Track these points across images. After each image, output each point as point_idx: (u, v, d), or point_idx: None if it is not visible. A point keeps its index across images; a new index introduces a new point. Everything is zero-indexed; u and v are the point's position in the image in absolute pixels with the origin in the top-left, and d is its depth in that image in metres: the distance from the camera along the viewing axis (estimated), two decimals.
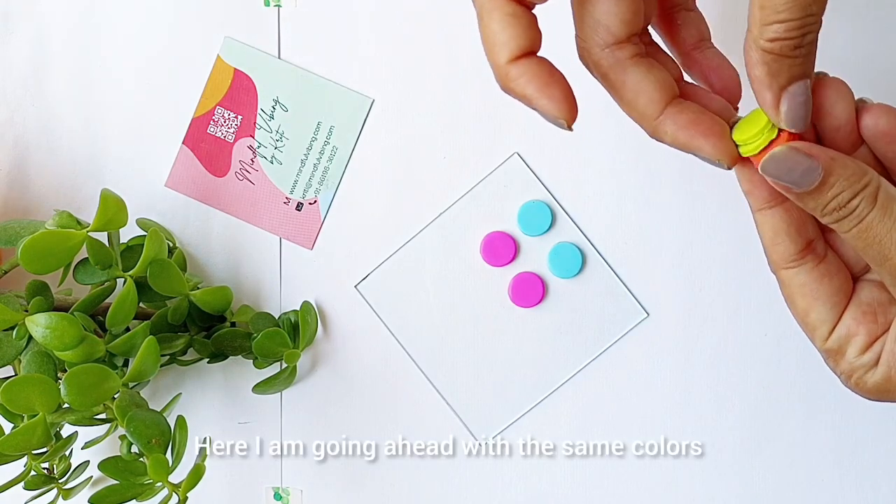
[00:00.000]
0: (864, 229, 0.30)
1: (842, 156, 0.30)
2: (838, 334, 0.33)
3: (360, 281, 0.46)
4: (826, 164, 0.29)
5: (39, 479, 0.42)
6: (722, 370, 0.45)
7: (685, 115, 0.31)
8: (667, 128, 0.31)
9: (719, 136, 0.31)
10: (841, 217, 0.30)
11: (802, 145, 0.30)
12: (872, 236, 0.30)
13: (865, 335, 0.32)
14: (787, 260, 0.33)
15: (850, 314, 0.33)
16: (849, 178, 0.29)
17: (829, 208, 0.30)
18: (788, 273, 0.33)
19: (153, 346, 0.40)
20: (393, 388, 0.46)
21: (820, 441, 0.45)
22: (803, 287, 0.33)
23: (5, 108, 0.46)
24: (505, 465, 0.46)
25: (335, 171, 0.46)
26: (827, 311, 0.33)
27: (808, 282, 0.33)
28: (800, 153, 0.29)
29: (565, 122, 0.30)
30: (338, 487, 0.47)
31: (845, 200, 0.30)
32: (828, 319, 0.33)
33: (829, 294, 0.33)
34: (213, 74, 0.46)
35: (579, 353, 0.45)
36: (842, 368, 0.33)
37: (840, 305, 0.33)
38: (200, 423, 0.47)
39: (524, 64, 0.29)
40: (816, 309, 0.33)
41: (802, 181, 0.29)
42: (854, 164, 0.30)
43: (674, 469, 0.46)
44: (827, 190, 0.30)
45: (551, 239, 0.45)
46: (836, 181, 0.29)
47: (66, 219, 0.39)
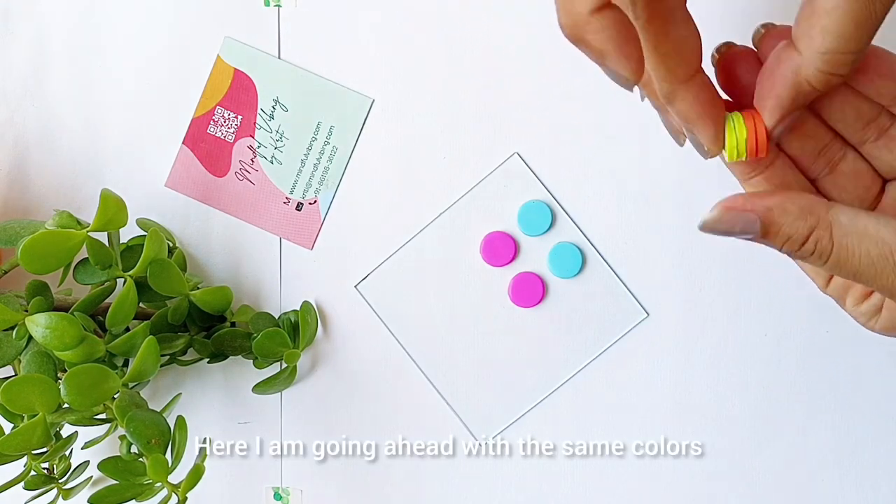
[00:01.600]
0: (834, 265, 0.29)
1: (782, 199, 0.29)
2: (835, 284, 0.33)
3: (360, 281, 0.46)
4: (763, 215, 0.29)
5: (39, 479, 0.42)
6: (722, 370, 0.45)
7: (705, 93, 0.30)
8: (686, 95, 0.30)
9: (720, 125, 0.30)
10: (803, 257, 0.30)
11: (737, 202, 0.29)
12: (846, 269, 0.29)
13: (862, 287, 0.32)
14: None
15: None
16: (792, 223, 0.29)
17: (785, 250, 0.30)
18: None
19: (153, 346, 0.40)
20: (393, 388, 0.46)
21: (820, 441, 0.45)
22: None
23: (5, 108, 0.46)
24: (505, 465, 0.46)
25: (335, 171, 0.46)
26: None
27: None
28: (731, 211, 0.29)
29: (634, 82, 0.28)
30: (338, 487, 0.47)
31: (797, 244, 0.29)
32: (822, 272, 0.33)
33: None
34: (213, 74, 0.46)
35: (579, 353, 0.45)
36: (847, 312, 0.34)
37: None
38: (200, 423, 0.47)
39: (607, 17, 0.27)
40: None
41: (748, 231, 0.29)
42: (796, 208, 0.29)
43: (674, 469, 0.46)
44: (773, 237, 0.29)
45: (551, 239, 0.45)
46: (779, 229, 0.29)
47: (66, 219, 0.39)
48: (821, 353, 0.45)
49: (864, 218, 0.29)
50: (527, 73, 0.44)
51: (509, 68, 0.45)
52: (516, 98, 0.45)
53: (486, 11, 0.44)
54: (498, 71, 0.45)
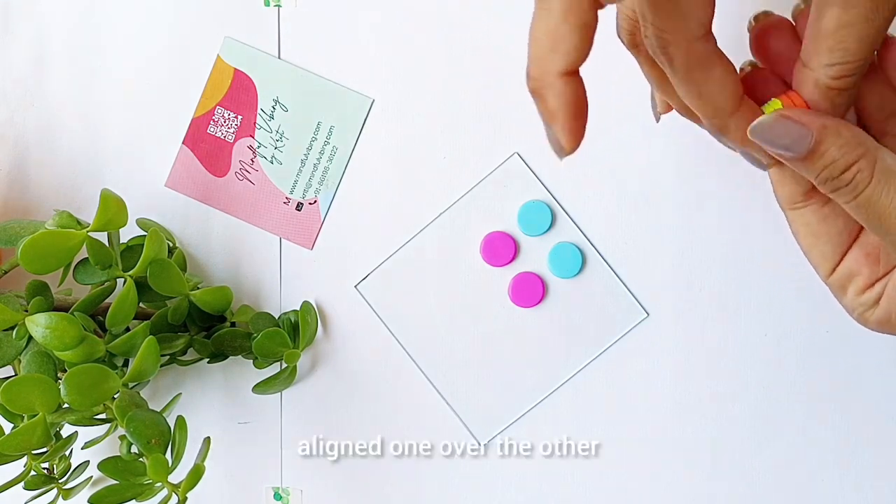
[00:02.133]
0: (863, 203, 0.29)
1: (837, 124, 0.29)
2: (840, 273, 0.33)
3: (360, 281, 0.46)
4: (818, 131, 0.29)
5: (39, 479, 0.42)
6: (722, 370, 0.45)
7: (752, 116, 0.31)
8: (739, 124, 0.31)
9: None
10: (836, 187, 0.30)
11: (793, 112, 0.30)
12: (871, 210, 0.29)
13: (866, 276, 0.33)
14: (793, 201, 0.33)
15: (853, 255, 0.33)
16: (841, 147, 0.29)
17: (821, 177, 0.30)
18: (794, 213, 0.33)
19: (153, 346, 0.40)
20: (393, 388, 0.46)
21: (820, 441, 0.45)
22: (808, 226, 0.33)
23: (5, 107, 0.46)
24: (505, 465, 0.46)
25: (335, 171, 0.46)
26: (829, 250, 0.33)
27: (812, 221, 0.33)
28: (789, 120, 0.29)
29: (567, 154, 0.29)
30: (338, 487, 0.47)
31: (838, 170, 0.29)
32: (830, 257, 0.33)
33: (831, 234, 0.33)
34: (213, 74, 0.46)
35: (579, 353, 0.45)
36: (844, 303, 0.34)
37: (843, 245, 0.33)
38: (200, 423, 0.47)
39: (571, 82, 0.27)
40: (819, 247, 0.33)
41: (793, 147, 0.29)
42: (849, 134, 0.29)
43: (674, 469, 0.46)
44: (817, 159, 0.29)
45: (551, 239, 0.45)
46: (826, 150, 0.29)
47: (66, 219, 0.39)
48: (821, 353, 0.45)
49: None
50: None
51: (509, 68, 0.45)
52: (516, 98, 0.45)
53: (486, 11, 0.44)
54: (498, 71, 0.45)
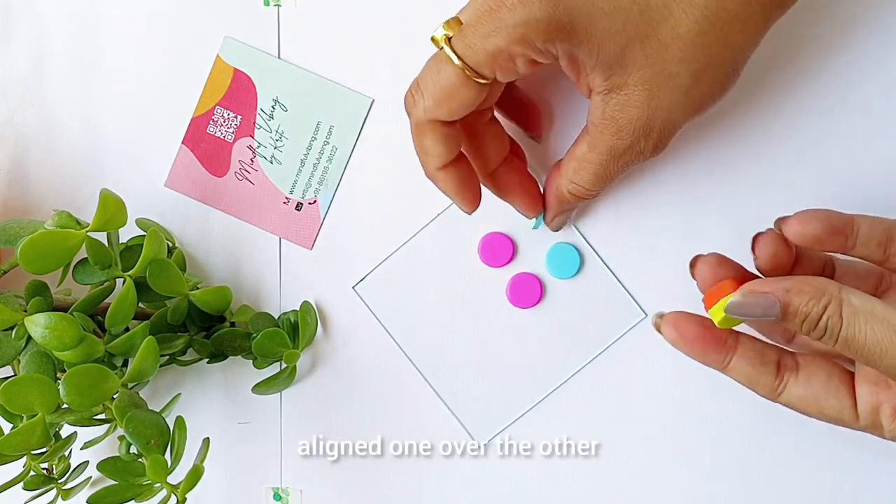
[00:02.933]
0: (844, 345, 0.32)
1: (798, 281, 0.32)
2: (863, 412, 0.35)
3: (358, 282, 0.46)
4: (782, 295, 0.32)
5: (39, 480, 0.42)
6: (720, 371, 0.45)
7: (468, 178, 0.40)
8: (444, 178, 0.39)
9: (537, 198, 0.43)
10: (819, 335, 0.32)
11: (755, 285, 0.33)
12: (854, 348, 0.32)
13: (889, 401, 0.34)
14: (774, 389, 0.36)
15: (864, 389, 0.35)
16: (808, 302, 0.32)
17: (804, 329, 0.32)
18: (784, 397, 0.36)
19: (153, 347, 0.39)
20: (392, 388, 0.46)
21: (820, 441, 0.45)
22: (802, 399, 0.35)
23: (5, 107, 0.46)
24: (504, 465, 0.46)
25: (335, 171, 0.46)
26: (835, 401, 0.35)
27: (801, 392, 0.35)
28: (753, 294, 0.33)
29: (469, 213, 0.40)
30: (338, 487, 0.47)
31: (814, 321, 0.32)
32: (843, 405, 0.35)
33: (823, 387, 0.35)
34: (212, 74, 0.45)
35: (577, 354, 0.45)
36: (889, 437, 0.35)
37: (841, 388, 0.35)
38: (200, 423, 0.47)
39: (449, 171, 0.38)
40: (826, 406, 0.35)
41: (767, 314, 0.32)
42: (811, 287, 0.32)
43: (673, 469, 0.46)
44: (792, 317, 0.32)
45: (549, 240, 0.45)
46: (797, 308, 0.32)
47: (66, 219, 0.39)
48: None
49: (873, 300, 0.32)
50: None
51: None
52: None
53: None
54: None
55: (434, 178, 0.38)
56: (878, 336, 0.31)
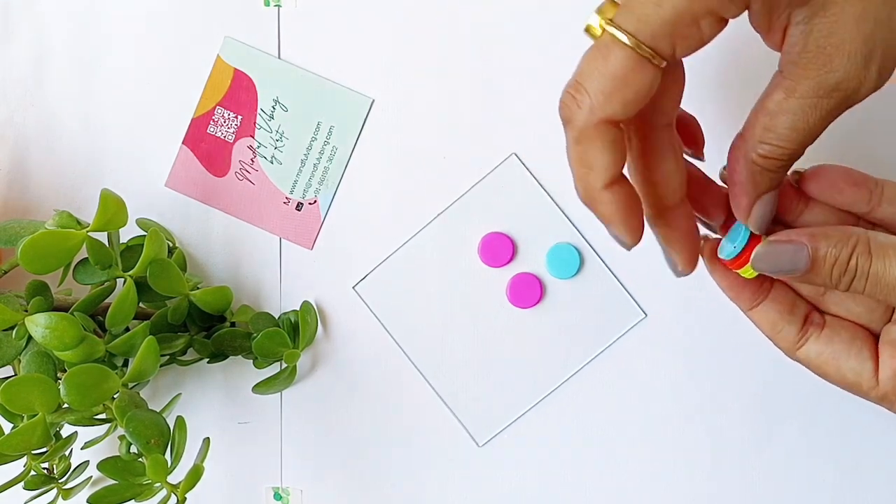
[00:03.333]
0: (875, 282, 0.30)
1: (821, 228, 0.31)
2: (884, 376, 0.33)
3: (358, 282, 0.46)
4: (809, 240, 0.31)
5: (39, 479, 0.42)
6: (721, 370, 0.45)
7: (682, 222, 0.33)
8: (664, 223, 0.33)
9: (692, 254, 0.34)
10: (850, 280, 0.31)
11: (780, 235, 0.32)
12: (886, 283, 0.30)
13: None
14: (794, 342, 0.34)
15: (887, 354, 0.33)
16: (836, 244, 0.31)
17: (835, 276, 0.31)
18: (802, 352, 0.34)
19: (153, 346, 0.40)
20: (392, 388, 0.46)
21: (820, 441, 0.45)
22: (821, 355, 0.34)
23: (5, 107, 0.46)
24: (504, 465, 0.46)
25: (335, 171, 0.46)
26: (856, 362, 0.34)
27: (821, 349, 0.34)
28: (779, 243, 0.31)
29: (630, 247, 0.31)
30: (338, 487, 0.47)
31: (845, 263, 0.31)
32: (863, 368, 0.34)
33: (845, 348, 0.34)
34: (212, 74, 0.46)
35: (577, 354, 0.45)
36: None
37: (864, 351, 0.34)
38: (200, 423, 0.47)
39: (615, 191, 0.30)
40: (845, 366, 0.34)
41: (796, 265, 0.31)
42: (836, 231, 0.31)
43: (673, 469, 0.46)
44: (822, 263, 0.31)
45: (549, 240, 0.45)
46: (826, 252, 0.31)
47: (66, 219, 0.39)
48: None
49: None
50: (525, 73, 0.44)
51: (509, 68, 0.45)
52: (514, 98, 0.45)
53: (486, 11, 0.44)
54: (497, 71, 0.45)
55: (596, 201, 0.30)
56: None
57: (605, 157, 0.29)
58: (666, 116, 0.31)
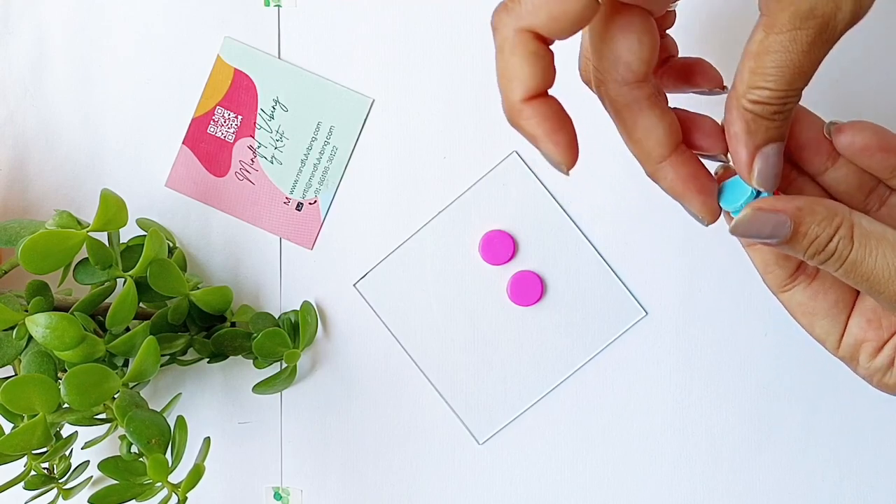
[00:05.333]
0: (850, 268, 0.31)
1: (810, 202, 0.31)
2: (846, 343, 0.34)
3: (359, 279, 0.46)
4: (793, 214, 0.30)
5: (39, 479, 0.42)
6: (721, 369, 0.45)
7: (686, 168, 0.32)
8: (667, 174, 0.32)
9: (709, 194, 0.32)
10: (825, 259, 0.31)
11: (766, 203, 0.31)
12: (860, 273, 0.30)
13: (873, 342, 0.34)
14: (782, 284, 0.35)
15: (855, 323, 0.34)
16: (820, 222, 0.30)
17: (809, 253, 0.31)
18: (785, 295, 0.35)
19: (153, 346, 0.40)
20: (393, 387, 0.46)
21: (820, 441, 0.45)
22: (801, 305, 0.35)
23: (5, 107, 0.46)
24: (504, 463, 0.46)
25: (335, 171, 0.46)
26: (829, 324, 0.35)
27: (804, 300, 0.35)
28: (764, 212, 0.30)
29: (565, 167, 0.30)
30: (338, 487, 0.47)
31: (823, 244, 0.30)
32: (832, 331, 0.35)
33: (826, 308, 0.34)
34: (213, 74, 0.46)
35: (578, 352, 0.45)
36: (860, 372, 0.35)
37: (841, 316, 0.34)
38: (200, 423, 0.47)
39: (537, 104, 0.29)
40: (818, 323, 0.35)
41: (776, 235, 0.30)
42: (823, 208, 0.30)
43: (673, 468, 0.46)
44: (801, 238, 0.30)
45: (548, 239, 0.45)
46: (807, 228, 0.30)
47: (66, 219, 0.39)
48: (820, 352, 0.45)
49: (883, 226, 0.30)
50: None
51: None
52: None
53: (485, 11, 0.44)
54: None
55: (517, 115, 0.30)
56: (889, 260, 0.30)
57: (524, 69, 0.29)
58: (632, 73, 0.31)
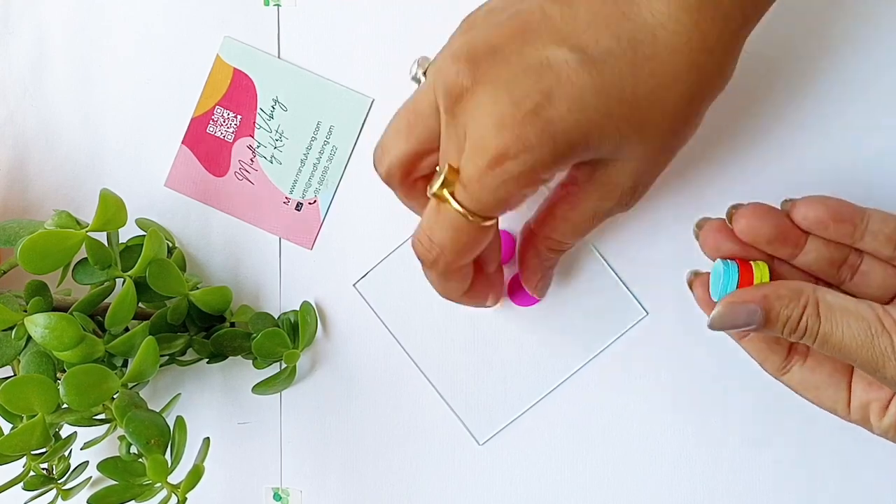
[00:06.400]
0: (823, 341, 0.33)
1: (775, 286, 0.34)
2: (854, 407, 0.36)
3: (359, 279, 0.46)
4: (761, 302, 0.33)
5: (38, 480, 0.42)
6: (722, 369, 0.45)
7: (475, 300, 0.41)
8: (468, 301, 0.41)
9: None
10: (800, 336, 0.33)
11: (736, 296, 0.34)
12: (832, 344, 0.33)
13: (878, 400, 0.36)
14: (780, 367, 0.38)
15: (858, 387, 0.36)
16: (787, 304, 0.33)
17: (786, 332, 0.33)
18: (786, 377, 0.38)
19: (152, 347, 0.39)
20: (393, 387, 0.46)
21: (820, 441, 0.45)
22: (803, 382, 0.37)
23: (5, 107, 0.46)
24: (504, 463, 0.46)
25: (335, 171, 0.46)
26: (834, 393, 0.37)
27: (805, 377, 0.37)
28: (734, 305, 0.34)
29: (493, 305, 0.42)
30: (338, 487, 0.47)
31: (795, 323, 0.33)
32: (838, 399, 0.37)
33: (826, 379, 0.37)
34: (212, 74, 0.45)
35: (578, 352, 0.45)
36: (877, 432, 0.36)
37: (842, 383, 0.36)
38: (200, 424, 0.47)
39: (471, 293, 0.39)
40: (824, 395, 0.37)
41: (750, 322, 0.33)
42: (787, 290, 0.33)
43: (673, 468, 0.46)
44: (774, 322, 0.33)
45: None
46: (778, 311, 0.33)
47: (66, 219, 0.39)
48: None
49: (846, 297, 0.33)
50: None
51: None
52: None
53: None
54: None
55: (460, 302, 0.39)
56: (854, 331, 0.32)
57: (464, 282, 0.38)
58: None
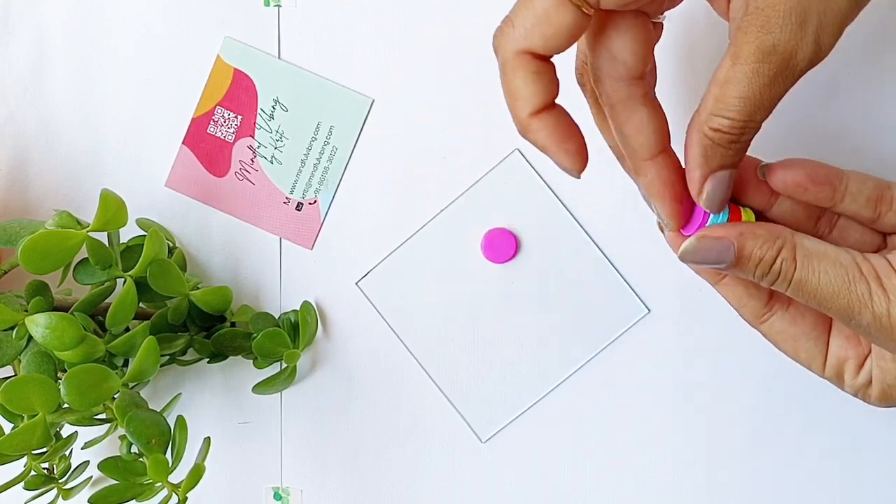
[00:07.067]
0: (797, 288, 0.32)
1: (752, 226, 0.32)
2: (830, 363, 0.35)
3: (362, 278, 0.46)
4: (736, 238, 0.32)
5: (39, 479, 0.42)
6: (723, 367, 0.45)
7: (666, 172, 0.33)
8: (648, 172, 0.33)
9: (679, 202, 0.33)
10: (773, 280, 0.32)
11: (710, 230, 0.33)
12: (808, 292, 0.32)
13: (855, 358, 0.35)
14: (758, 316, 0.36)
15: (836, 342, 0.35)
16: (762, 245, 0.32)
17: (757, 275, 0.32)
18: (765, 326, 0.36)
19: (153, 346, 0.39)
20: (393, 386, 0.46)
21: (821, 440, 0.45)
22: (782, 333, 0.36)
23: (5, 107, 0.46)
24: (506, 462, 0.46)
25: (335, 171, 0.46)
26: (812, 346, 0.36)
27: (784, 327, 0.36)
28: (707, 239, 0.32)
29: (576, 173, 0.32)
30: (338, 487, 0.47)
31: (768, 265, 0.32)
32: (816, 353, 0.36)
33: (806, 332, 0.35)
34: (212, 74, 0.46)
35: (580, 350, 0.45)
36: (847, 390, 0.36)
37: (822, 337, 0.36)
38: (200, 423, 0.47)
39: (544, 118, 0.31)
40: (801, 347, 0.36)
41: (722, 259, 0.32)
42: (764, 231, 0.32)
43: (674, 467, 0.46)
44: (746, 262, 0.32)
45: (551, 235, 0.45)
46: (751, 251, 0.32)
47: (66, 219, 0.39)
48: None
49: (825, 244, 0.32)
50: None
51: None
52: None
53: (485, 10, 0.44)
54: (497, 69, 0.45)
55: (526, 129, 0.32)
56: (831, 277, 0.31)
57: (528, 87, 0.31)
58: (628, 69, 0.31)
